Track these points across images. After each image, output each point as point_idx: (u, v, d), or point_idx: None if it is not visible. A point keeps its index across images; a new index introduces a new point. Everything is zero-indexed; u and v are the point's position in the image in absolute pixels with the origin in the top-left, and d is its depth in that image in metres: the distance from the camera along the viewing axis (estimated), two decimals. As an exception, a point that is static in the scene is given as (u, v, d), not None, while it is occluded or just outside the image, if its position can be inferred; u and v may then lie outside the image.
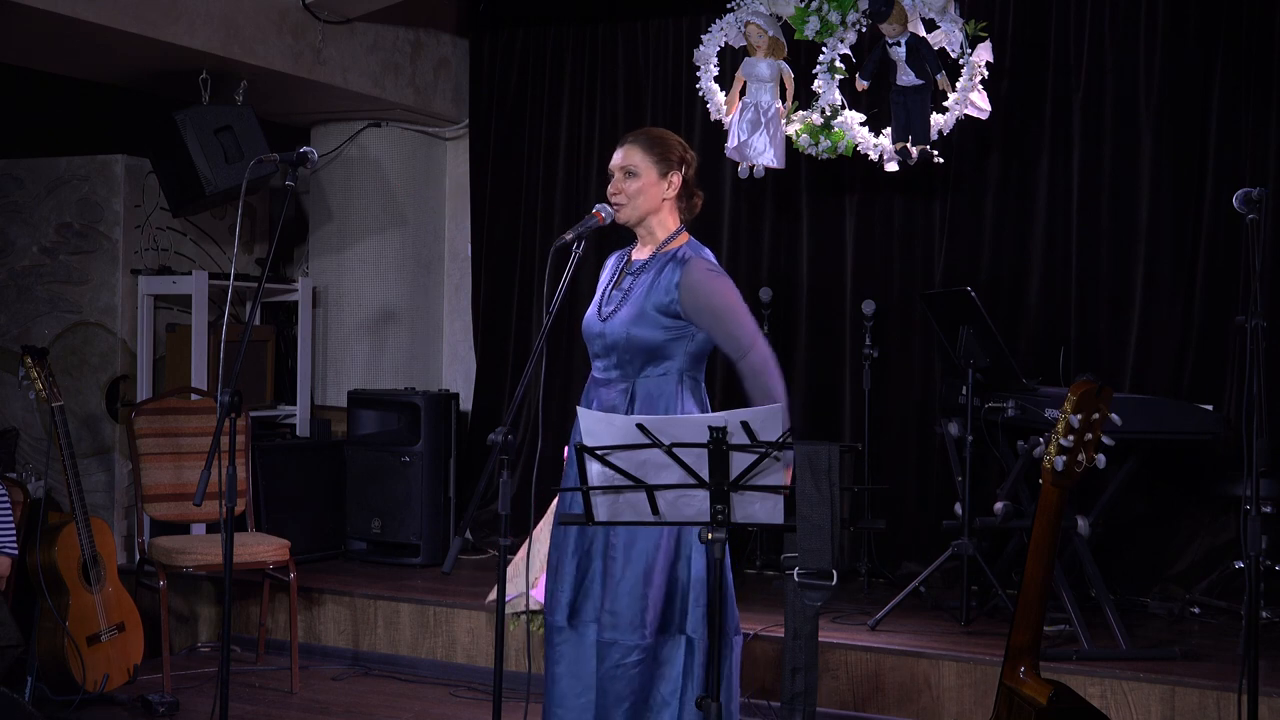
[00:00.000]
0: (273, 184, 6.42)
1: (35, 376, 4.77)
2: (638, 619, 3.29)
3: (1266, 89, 5.35)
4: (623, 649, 3.29)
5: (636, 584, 3.30)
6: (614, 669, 3.30)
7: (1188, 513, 5.44)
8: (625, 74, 6.48)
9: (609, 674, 3.31)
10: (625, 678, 3.29)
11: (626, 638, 3.29)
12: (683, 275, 3.36)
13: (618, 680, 3.30)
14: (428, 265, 6.98)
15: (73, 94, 6.21)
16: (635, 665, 3.30)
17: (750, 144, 5.32)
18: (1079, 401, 2.82)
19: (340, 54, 6.02)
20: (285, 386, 6.66)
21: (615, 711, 3.31)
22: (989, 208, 5.77)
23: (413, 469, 6.11)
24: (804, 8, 5.28)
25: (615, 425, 2.75)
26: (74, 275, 5.91)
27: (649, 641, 3.31)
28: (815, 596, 3.13)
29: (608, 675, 3.31)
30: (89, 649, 4.71)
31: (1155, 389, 5.38)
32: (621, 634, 3.29)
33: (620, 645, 3.29)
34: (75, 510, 4.72)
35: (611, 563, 3.33)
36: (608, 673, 3.31)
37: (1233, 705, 3.95)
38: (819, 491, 2.88)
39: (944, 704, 4.57)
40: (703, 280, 3.35)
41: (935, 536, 5.39)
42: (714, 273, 3.39)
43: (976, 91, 5.19)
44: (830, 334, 6.04)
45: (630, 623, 3.29)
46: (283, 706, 4.90)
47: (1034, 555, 2.89)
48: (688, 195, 3.52)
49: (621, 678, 3.30)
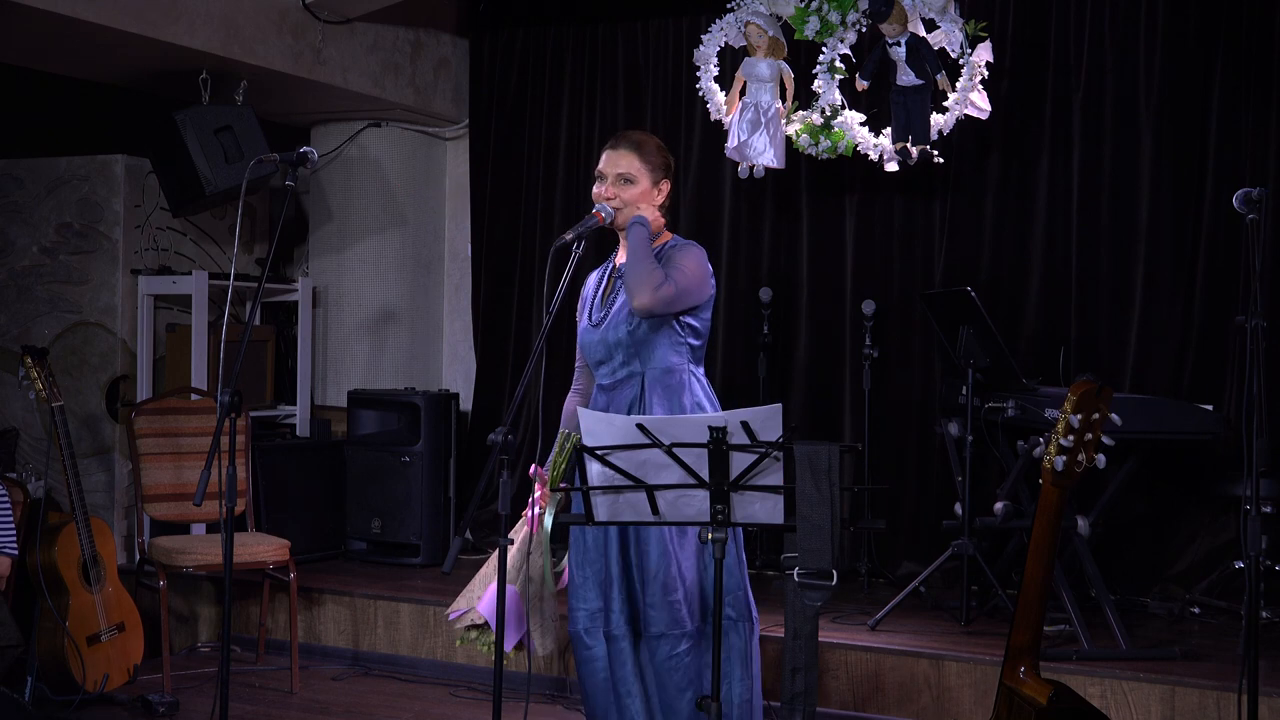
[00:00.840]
0: (273, 184, 6.43)
1: (35, 376, 4.77)
2: (678, 610, 3.39)
3: (1266, 89, 5.35)
4: (672, 640, 3.40)
5: (672, 576, 3.39)
6: (668, 660, 3.41)
7: (1188, 513, 5.44)
8: (625, 74, 6.48)
9: (665, 666, 3.41)
10: (681, 667, 3.41)
11: (674, 629, 3.39)
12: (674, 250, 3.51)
13: (676, 671, 3.41)
14: (428, 265, 6.98)
15: (73, 94, 6.21)
16: (688, 653, 3.41)
17: (750, 144, 5.32)
18: (1079, 401, 2.82)
19: (340, 54, 6.02)
20: (285, 386, 6.66)
21: (679, 700, 3.41)
22: (989, 208, 5.77)
23: (413, 469, 6.11)
24: (804, 8, 5.28)
25: (615, 425, 2.76)
26: (74, 275, 5.91)
27: (693, 627, 3.42)
28: (815, 596, 3.12)
29: (664, 668, 3.41)
30: (89, 649, 4.71)
31: (1155, 389, 5.38)
32: (669, 625, 3.39)
33: (669, 637, 3.40)
34: (75, 510, 4.72)
35: (644, 558, 3.42)
36: (663, 665, 3.41)
37: (1233, 705, 3.95)
38: (819, 491, 2.88)
39: (944, 704, 4.57)
40: (686, 250, 3.51)
41: (935, 536, 5.39)
42: (699, 254, 3.52)
43: (976, 91, 5.19)
44: (830, 334, 6.04)
45: (673, 615, 3.39)
46: (283, 706, 4.91)
47: (1034, 555, 2.89)
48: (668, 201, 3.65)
49: (678, 668, 3.41)
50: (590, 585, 3.49)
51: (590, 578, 3.49)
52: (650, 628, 3.42)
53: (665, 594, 3.39)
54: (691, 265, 3.45)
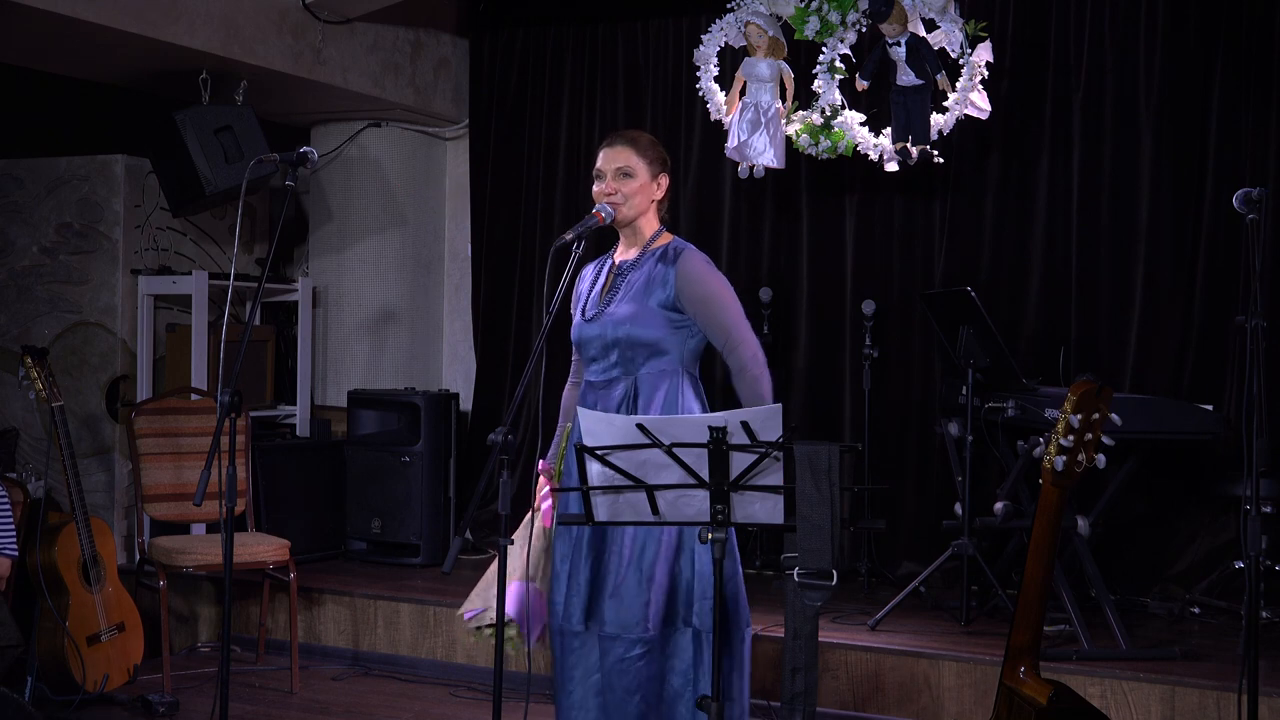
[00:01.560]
0: (273, 184, 6.43)
1: (35, 376, 4.77)
2: (640, 614, 3.34)
3: (1266, 89, 5.35)
4: (625, 643, 3.34)
5: (640, 580, 3.34)
6: (618, 663, 3.35)
7: (1188, 513, 5.44)
8: (625, 74, 6.48)
9: (614, 669, 3.35)
10: (631, 671, 3.34)
11: (629, 632, 3.33)
12: (680, 263, 3.44)
13: (625, 674, 3.35)
14: (428, 265, 6.98)
15: (73, 94, 6.21)
16: (640, 659, 3.34)
17: (750, 144, 5.32)
18: (1079, 401, 2.82)
19: (340, 54, 6.02)
20: (285, 386, 6.66)
21: (628, 703, 3.36)
22: (989, 208, 5.77)
23: (413, 469, 6.11)
24: (804, 8, 5.27)
25: (615, 425, 2.76)
26: (74, 275, 5.91)
27: (652, 635, 3.35)
28: (815, 596, 3.12)
29: (613, 670, 3.35)
30: (89, 649, 4.71)
31: (1155, 389, 5.38)
32: (624, 629, 3.34)
33: (623, 640, 3.34)
34: (75, 510, 4.72)
35: (614, 559, 3.37)
36: (613, 667, 3.35)
37: (1233, 705, 3.95)
38: (819, 491, 2.88)
39: (944, 704, 4.57)
40: (699, 269, 3.44)
41: (935, 536, 5.39)
42: (709, 265, 3.48)
43: (976, 91, 5.19)
44: (830, 334, 6.04)
45: (633, 618, 3.33)
46: (283, 706, 4.90)
47: (1034, 555, 2.89)
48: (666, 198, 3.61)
49: (628, 671, 3.35)
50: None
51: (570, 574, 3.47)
52: (604, 627, 3.36)
53: (631, 597, 3.33)
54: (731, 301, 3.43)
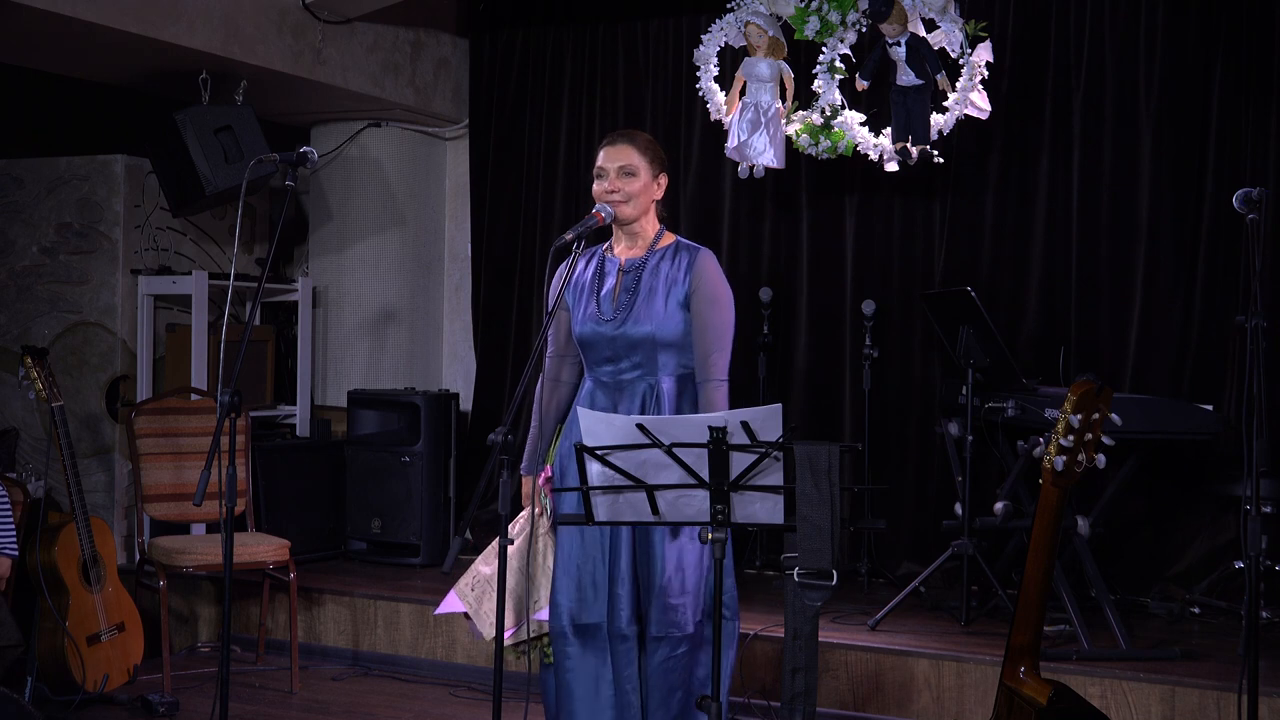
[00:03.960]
0: (273, 184, 6.43)
1: (35, 376, 4.77)
2: (686, 611, 3.37)
3: (1266, 89, 5.34)
4: (673, 641, 3.38)
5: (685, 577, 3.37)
6: (665, 662, 3.39)
7: (1188, 513, 5.43)
8: (625, 74, 6.48)
9: (661, 668, 3.39)
10: (678, 668, 3.39)
11: (676, 630, 3.37)
12: (699, 262, 3.48)
13: (671, 672, 3.39)
14: (428, 265, 6.98)
15: (73, 94, 6.21)
16: (685, 655, 3.40)
17: (750, 144, 5.32)
18: (1079, 401, 2.81)
19: (340, 54, 6.02)
20: (285, 386, 6.66)
21: (671, 700, 3.39)
22: (989, 208, 5.77)
23: (413, 469, 6.11)
24: (804, 8, 5.27)
25: (615, 425, 2.76)
26: (74, 275, 5.91)
27: (694, 630, 3.40)
28: (815, 596, 3.12)
29: (659, 670, 3.39)
30: (89, 649, 4.71)
31: (1155, 389, 5.37)
32: (673, 628, 3.37)
33: (670, 639, 3.38)
34: (75, 510, 4.72)
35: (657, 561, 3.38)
36: (659, 667, 3.39)
37: (1233, 705, 3.95)
38: (819, 491, 2.88)
39: (944, 704, 4.57)
40: (717, 273, 3.50)
41: (935, 536, 5.39)
42: (722, 271, 3.53)
43: (976, 91, 5.19)
44: (830, 334, 6.04)
45: (680, 617, 3.37)
46: (283, 706, 4.91)
47: (1034, 555, 2.89)
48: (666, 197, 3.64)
49: (675, 669, 3.39)
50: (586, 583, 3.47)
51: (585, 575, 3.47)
52: (651, 628, 3.39)
53: (676, 595, 3.36)
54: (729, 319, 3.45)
